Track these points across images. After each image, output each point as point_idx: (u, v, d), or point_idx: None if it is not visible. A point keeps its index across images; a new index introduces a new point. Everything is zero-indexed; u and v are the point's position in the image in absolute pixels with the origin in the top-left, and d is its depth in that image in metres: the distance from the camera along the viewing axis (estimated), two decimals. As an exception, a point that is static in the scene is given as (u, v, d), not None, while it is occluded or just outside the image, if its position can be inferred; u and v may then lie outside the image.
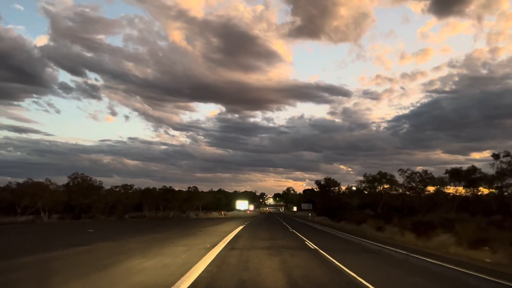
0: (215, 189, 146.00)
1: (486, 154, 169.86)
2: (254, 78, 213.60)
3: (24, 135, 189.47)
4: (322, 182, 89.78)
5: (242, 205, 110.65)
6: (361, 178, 54.04)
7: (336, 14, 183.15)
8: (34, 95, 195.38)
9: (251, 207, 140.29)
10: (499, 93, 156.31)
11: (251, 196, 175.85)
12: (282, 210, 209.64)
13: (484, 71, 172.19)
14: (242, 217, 71.00)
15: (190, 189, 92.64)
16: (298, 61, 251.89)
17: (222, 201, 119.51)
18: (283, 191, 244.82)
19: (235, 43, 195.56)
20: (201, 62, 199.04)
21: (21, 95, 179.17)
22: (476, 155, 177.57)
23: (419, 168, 61.62)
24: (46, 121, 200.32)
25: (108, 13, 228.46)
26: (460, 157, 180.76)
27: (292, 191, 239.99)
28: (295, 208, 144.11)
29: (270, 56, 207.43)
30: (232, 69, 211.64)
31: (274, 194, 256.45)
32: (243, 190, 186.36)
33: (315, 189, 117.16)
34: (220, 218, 55.81)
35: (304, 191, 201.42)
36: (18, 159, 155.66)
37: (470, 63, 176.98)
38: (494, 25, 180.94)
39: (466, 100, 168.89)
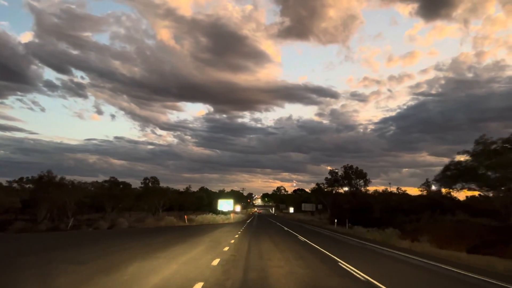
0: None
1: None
2: (242, 78, 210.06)
3: (7, 133, 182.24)
4: (339, 173, 62.67)
5: (225, 205, 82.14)
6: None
7: (325, 15, 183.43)
8: (19, 93, 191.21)
9: (238, 208, 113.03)
10: (484, 96, 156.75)
11: (238, 196, 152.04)
12: (272, 211, 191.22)
13: (469, 75, 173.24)
14: (220, 224, 43.51)
15: (148, 181, 64.64)
16: (286, 62, 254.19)
17: (204, 200, 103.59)
18: (273, 190, 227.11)
19: (224, 43, 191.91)
20: (189, 62, 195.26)
21: (4, 92, 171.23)
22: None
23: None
24: (31, 119, 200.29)
25: (94, 10, 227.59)
26: (446, 160, 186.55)
27: (283, 191, 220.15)
28: (291, 209, 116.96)
29: (258, 57, 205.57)
30: (221, 69, 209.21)
31: (263, 194, 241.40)
32: (230, 189, 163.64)
33: (321, 185, 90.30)
34: (169, 232, 27.73)
35: (295, 191, 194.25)
36: (2, 158, 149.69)
37: (456, 67, 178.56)
38: (480, 29, 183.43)
39: (452, 103, 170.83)
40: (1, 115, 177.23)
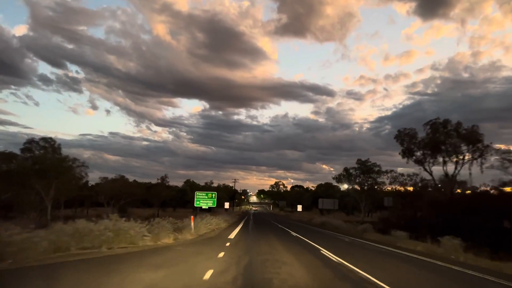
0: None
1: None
2: (238, 75, 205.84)
3: (1, 127, 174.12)
4: (418, 137, 31.49)
5: (205, 200, 50.81)
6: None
7: (322, 13, 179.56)
8: (12, 87, 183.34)
9: (227, 205, 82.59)
10: (479, 97, 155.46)
11: (231, 192, 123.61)
12: (270, 208, 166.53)
13: (465, 75, 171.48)
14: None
15: (32, 143, 32.75)
16: (283, 59, 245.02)
17: (188, 195, 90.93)
18: (271, 185, 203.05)
19: (220, 39, 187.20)
20: (185, 57, 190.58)
21: None
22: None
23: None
24: (25, 113, 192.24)
25: (90, 4, 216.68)
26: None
27: (282, 186, 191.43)
28: (299, 207, 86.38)
29: (255, 53, 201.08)
30: (217, 65, 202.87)
31: (258, 190, 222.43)
32: (222, 183, 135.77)
33: (351, 171, 59.50)
34: None
35: (293, 187, 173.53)
36: None
37: (452, 66, 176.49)
38: (477, 29, 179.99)
39: (447, 103, 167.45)
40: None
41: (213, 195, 50.97)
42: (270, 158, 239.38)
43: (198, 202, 49.16)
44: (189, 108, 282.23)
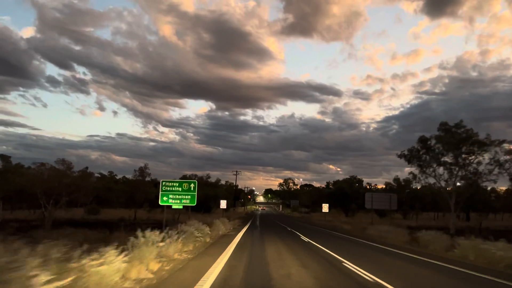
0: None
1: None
2: (245, 76, 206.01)
3: (10, 129, 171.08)
4: None
5: (176, 194, 26.60)
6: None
7: (329, 12, 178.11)
8: (21, 88, 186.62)
9: (223, 204, 59.22)
10: (488, 95, 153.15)
11: (233, 191, 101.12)
12: (280, 209, 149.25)
13: (474, 74, 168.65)
14: None
15: None
16: (289, 59, 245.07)
17: None
18: (280, 183, 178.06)
19: (227, 39, 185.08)
20: (191, 58, 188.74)
21: (7, 87, 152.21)
22: None
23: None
24: (33, 115, 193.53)
25: (96, 5, 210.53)
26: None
27: (292, 184, 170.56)
28: (325, 207, 61.92)
29: (261, 53, 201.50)
30: (223, 65, 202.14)
31: (265, 190, 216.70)
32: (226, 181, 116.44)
33: (437, 139, 34.71)
34: None
35: (302, 186, 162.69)
36: (4, 154, 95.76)
37: (460, 65, 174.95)
38: (485, 27, 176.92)
39: (455, 102, 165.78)
40: (4, 110, 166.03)
41: (191, 186, 26.38)
42: (276, 159, 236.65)
43: (165, 198, 25.10)
44: (196, 109, 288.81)
